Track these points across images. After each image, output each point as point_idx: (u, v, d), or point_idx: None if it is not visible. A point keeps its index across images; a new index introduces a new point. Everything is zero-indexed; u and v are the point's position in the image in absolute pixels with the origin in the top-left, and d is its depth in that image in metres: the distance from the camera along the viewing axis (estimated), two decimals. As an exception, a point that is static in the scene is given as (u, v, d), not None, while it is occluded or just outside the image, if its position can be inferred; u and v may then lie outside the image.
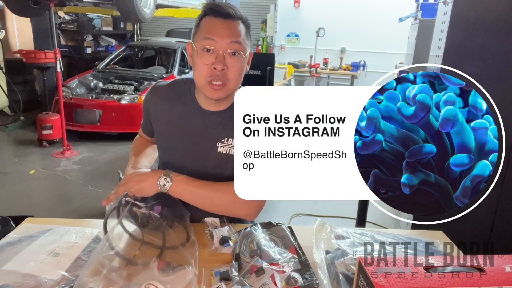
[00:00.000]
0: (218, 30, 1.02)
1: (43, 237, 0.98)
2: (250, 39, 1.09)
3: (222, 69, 1.02)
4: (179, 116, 1.16)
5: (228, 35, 1.02)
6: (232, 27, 1.03)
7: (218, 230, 1.04)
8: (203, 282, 0.86)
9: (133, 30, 8.63)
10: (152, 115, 1.21)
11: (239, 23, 1.05)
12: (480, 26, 1.78)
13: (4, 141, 5.00)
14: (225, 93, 1.07)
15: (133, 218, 1.00)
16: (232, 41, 1.02)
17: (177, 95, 1.17)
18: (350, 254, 0.89)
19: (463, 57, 1.86)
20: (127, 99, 4.90)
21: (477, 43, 1.81)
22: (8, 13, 6.28)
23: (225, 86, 1.05)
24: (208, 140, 1.14)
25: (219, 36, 1.01)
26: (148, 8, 4.80)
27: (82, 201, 3.34)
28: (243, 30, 1.06)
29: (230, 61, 1.03)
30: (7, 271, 0.85)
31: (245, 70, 1.10)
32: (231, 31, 1.03)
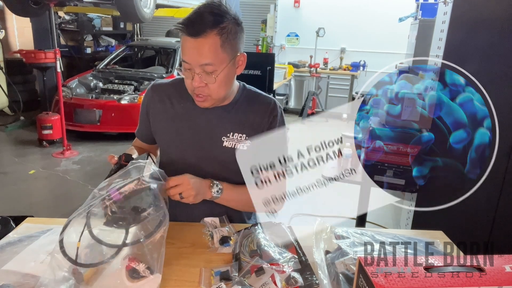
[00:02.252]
0: (189, 52, 1.00)
1: (43, 237, 0.98)
2: (236, 42, 1.03)
3: (199, 86, 1.03)
4: (183, 111, 1.16)
5: (197, 58, 0.99)
6: (201, 46, 0.98)
7: (218, 230, 1.04)
8: (203, 282, 0.86)
9: (133, 30, 8.63)
10: (153, 113, 1.21)
11: (211, 37, 0.97)
12: (480, 26, 1.78)
13: (4, 141, 5.00)
14: (211, 103, 1.09)
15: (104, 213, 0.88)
16: (202, 63, 0.99)
17: (179, 92, 1.17)
18: (350, 254, 0.89)
19: (463, 57, 1.86)
20: (127, 99, 4.90)
21: (477, 43, 1.81)
22: (8, 13, 6.28)
23: (208, 98, 1.07)
24: (213, 135, 1.14)
25: (190, 58, 1.00)
26: (148, 8, 4.80)
27: (82, 201, 3.31)
28: (218, 42, 0.98)
29: (207, 78, 1.02)
30: (7, 271, 0.85)
31: (233, 75, 1.10)
32: (199, 52, 0.98)
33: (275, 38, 7.34)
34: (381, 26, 6.60)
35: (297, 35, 7.27)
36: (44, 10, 4.83)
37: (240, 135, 1.14)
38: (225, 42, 1.00)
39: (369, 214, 2.27)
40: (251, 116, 1.14)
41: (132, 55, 6.77)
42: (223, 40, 0.99)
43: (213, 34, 0.98)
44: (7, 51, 6.13)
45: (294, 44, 7.32)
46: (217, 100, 1.09)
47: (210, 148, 1.14)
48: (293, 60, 7.20)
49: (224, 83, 1.05)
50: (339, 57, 7.15)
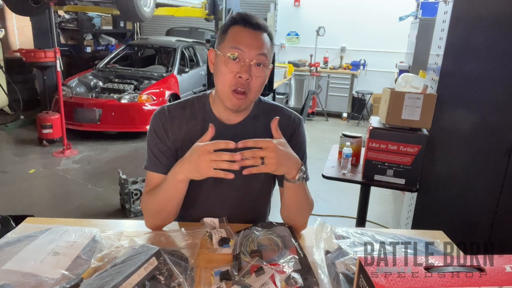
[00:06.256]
0: (246, 40, 1.01)
1: (42, 236, 0.98)
2: (273, 52, 1.09)
3: (247, 79, 1.01)
4: (202, 133, 1.02)
5: (256, 46, 1.02)
6: (260, 38, 1.03)
7: (217, 231, 1.04)
8: (203, 282, 0.86)
9: (133, 29, 8.62)
10: (173, 138, 1.11)
11: (266, 36, 1.05)
12: (481, 25, 1.78)
13: (4, 140, 5.00)
14: (246, 104, 1.06)
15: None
16: (259, 53, 1.02)
17: (193, 114, 1.13)
18: (350, 254, 0.88)
19: (463, 56, 1.86)
20: (127, 98, 4.89)
21: (477, 42, 1.80)
22: (8, 12, 6.28)
23: (246, 96, 1.04)
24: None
25: (247, 46, 1.01)
26: (148, 7, 4.80)
27: (82, 200, 3.34)
28: (269, 43, 1.06)
29: (255, 71, 1.02)
30: (7, 271, 0.85)
31: (264, 83, 1.09)
32: (258, 43, 1.03)
33: (275, 37, 7.32)
34: (381, 25, 6.60)
35: (297, 34, 7.27)
36: (44, 9, 4.83)
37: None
38: (271, 46, 1.07)
39: (369, 214, 2.27)
40: (270, 131, 1.04)
41: (132, 54, 6.76)
42: (270, 43, 1.07)
43: (267, 34, 1.05)
44: (7, 50, 6.13)
45: (294, 43, 7.32)
46: (250, 102, 1.08)
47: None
48: (293, 59, 7.19)
49: (263, 83, 1.06)
50: (339, 56, 7.14)
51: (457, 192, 1.98)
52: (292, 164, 0.98)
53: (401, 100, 1.86)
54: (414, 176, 1.90)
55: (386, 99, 1.92)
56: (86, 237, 0.98)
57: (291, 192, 1.04)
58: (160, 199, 1.04)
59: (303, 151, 1.16)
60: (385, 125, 1.93)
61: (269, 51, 1.05)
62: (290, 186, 1.02)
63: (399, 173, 1.91)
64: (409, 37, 4.62)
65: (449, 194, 2.00)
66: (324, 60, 7.10)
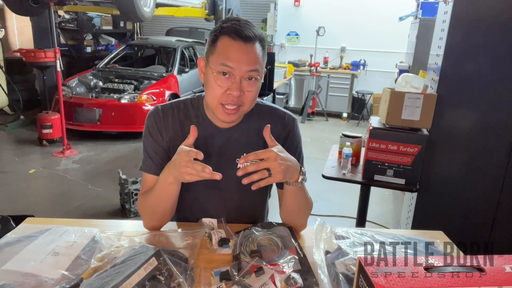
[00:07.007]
0: (236, 56, 0.95)
1: (42, 236, 0.98)
2: (266, 57, 1.03)
3: (238, 96, 0.97)
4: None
5: (247, 62, 0.96)
6: (251, 52, 0.96)
7: (216, 231, 1.04)
8: (203, 282, 0.86)
9: (133, 29, 8.62)
10: (167, 137, 1.09)
11: (257, 45, 0.98)
12: (481, 25, 1.78)
13: (4, 140, 5.00)
14: (238, 117, 1.04)
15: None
16: (251, 69, 0.96)
17: (187, 117, 1.10)
18: (350, 254, 0.88)
19: (463, 56, 1.85)
20: (127, 98, 4.89)
21: (477, 42, 1.80)
22: (8, 12, 6.28)
23: (239, 110, 1.01)
24: (228, 158, 1.10)
25: (238, 62, 0.95)
26: (148, 7, 4.79)
27: (82, 200, 3.34)
28: (261, 52, 0.99)
29: (247, 85, 0.98)
30: (7, 271, 0.85)
31: (258, 93, 1.06)
32: (249, 58, 0.96)
33: (275, 37, 7.34)
34: (381, 25, 6.59)
35: (297, 34, 7.27)
36: (44, 9, 4.83)
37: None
38: (263, 55, 1.01)
39: (369, 214, 2.27)
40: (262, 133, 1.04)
41: (132, 54, 6.76)
42: (262, 51, 1.00)
43: (257, 43, 0.98)
44: (7, 50, 6.13)
45: (294, 43, 7.32)
46: (244, 113, 1.05)
47: (226, 171, 1.00)
48: (293, 59, 7.20)
49: (255, 95, 1.02)
50: (339, 56, 7.14)
51: (457, 192, 1.98)
52: (294, 168, 0.96)
53: (401, 100, 1.86)
54: (414, 176, 1.90)
55: (386, 99, 1.92)
56: (86, 237, 0.98)
57: (292, 195, 1.03)
58: (154, 201, 1.04)
59: (299, 152, 1.15)
60: (385, 125, 1.93)
61: (261, 63, 1.00)
62: (291, 189, 1.01)
63: (399, 173, 1.91)
64: (409, 37, 4.62)
65: (449, 194, 2.00)
66: (324, 60, 7.10)
